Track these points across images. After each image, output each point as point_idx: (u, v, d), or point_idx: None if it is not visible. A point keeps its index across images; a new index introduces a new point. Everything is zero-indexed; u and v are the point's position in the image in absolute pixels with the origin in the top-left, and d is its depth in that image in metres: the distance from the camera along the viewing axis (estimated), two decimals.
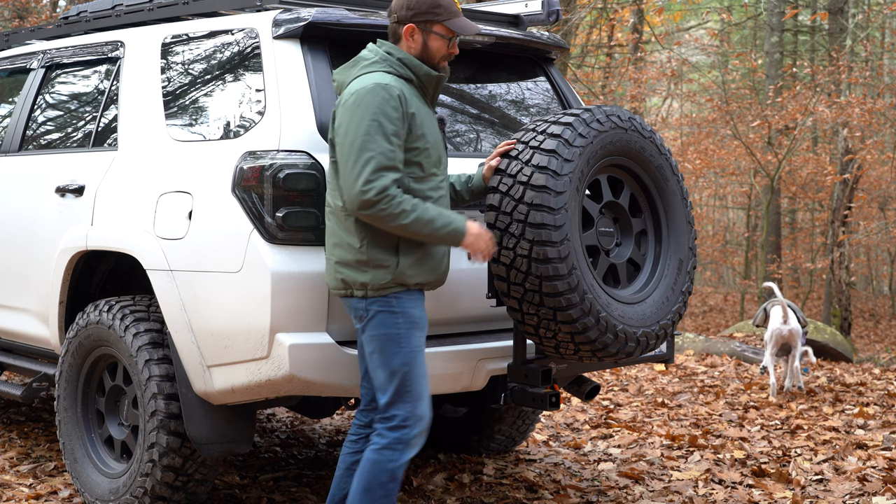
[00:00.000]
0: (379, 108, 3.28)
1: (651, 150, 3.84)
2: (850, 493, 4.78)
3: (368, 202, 3.25)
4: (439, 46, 3.49)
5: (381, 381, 3.42)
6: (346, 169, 3.29)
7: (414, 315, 3.42)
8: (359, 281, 3.37)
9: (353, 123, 3.29)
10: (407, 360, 3.40)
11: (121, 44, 4.61)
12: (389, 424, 3.41)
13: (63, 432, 4.36)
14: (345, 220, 3.38)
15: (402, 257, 3.37)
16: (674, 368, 8.68)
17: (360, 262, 3.37)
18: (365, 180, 3.24)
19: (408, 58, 3.45)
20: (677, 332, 4.57)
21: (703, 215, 25.25)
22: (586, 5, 14.20)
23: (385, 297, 3.38)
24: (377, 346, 3.41)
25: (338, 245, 3.41)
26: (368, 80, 3.34)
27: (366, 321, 3.41)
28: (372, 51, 3.48)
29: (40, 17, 13.38)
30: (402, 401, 3.40)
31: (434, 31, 3.47)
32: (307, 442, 5.68)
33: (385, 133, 3.28)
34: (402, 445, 3.40)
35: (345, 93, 3.38)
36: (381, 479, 3.39)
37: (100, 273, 4.55)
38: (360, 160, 3.25)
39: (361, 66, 3.44)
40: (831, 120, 14.40)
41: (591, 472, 5.20)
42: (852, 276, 18.97)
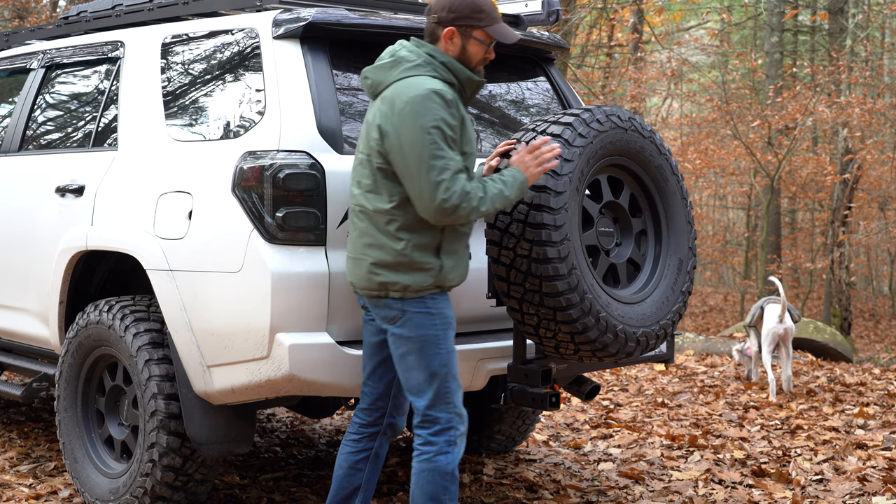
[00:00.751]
0: (439, 115, 3.24)
1: (651, 150, 3.84)
2: (850, 493, 4.78)
3: (451, 208, 3.23)
4: (477, 51, 3.45)
5: (418, 383, 3.40)
6: (417, 180, 3.24)
7: (448, 315, 3.41)
8: (399, 283, 3.33)
9: (416, 133, 3.23)
10: (445, 361, 3.38)
11: (121, 44, 4.61)
12: (434, 429, 3.39)
13: (63, 432, 4.36)
14: (386, 225, 3.33)
15: (444, 260, 3.36)
16: (674, 368, 8.68)
17: (401, 264, 3.33)
18: (444, 189, 3.21)
19: (451, 62, 3.40)
20: (677, 332, 4.57)
21: (703, 215, 25.25)
22: (586, 5, 14.20)
23: (422, 298, 3.36)
24: (414, 347, 3.38)
25: (374, 246, 3.36)
26: (420, 85, 3.28)
27: (400, 322, 3.37)
28: (413, 52, 3.40)
29: (40, 17, 13.38)
30: (443, 402, 3.38)
31: (474, 36, 3.44)
32: (307, 442, 5.68)
33: (448, 140, 3.26)
34: (453, 446, 3.40)
35: (393, 98, 3.30)
36: (444, 483, 3.38)
37: (100, 273, 4.55)
38: (434, 170, 3.21)
39: (404, 67, 3.36)
40: (831, 120, 14.40)
41: (591, 472, 5.20)
42: (852, 276, 18.97)
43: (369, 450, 3.64)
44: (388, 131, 3.28)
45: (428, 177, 3.22)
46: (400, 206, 3.32)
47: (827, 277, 16.09)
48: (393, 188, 3.32)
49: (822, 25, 17.84)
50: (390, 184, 3.32)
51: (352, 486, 3.63)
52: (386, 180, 3.33)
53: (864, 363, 10.17)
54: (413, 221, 3.32)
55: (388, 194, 3.32)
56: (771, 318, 7.52)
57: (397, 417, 3.66)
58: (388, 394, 3.61)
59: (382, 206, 3.33)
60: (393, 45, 3.48)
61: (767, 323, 7.52)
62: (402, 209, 3.32)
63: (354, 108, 3.94)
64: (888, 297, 24.82)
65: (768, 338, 7.50)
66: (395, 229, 3.32)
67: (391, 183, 3.32)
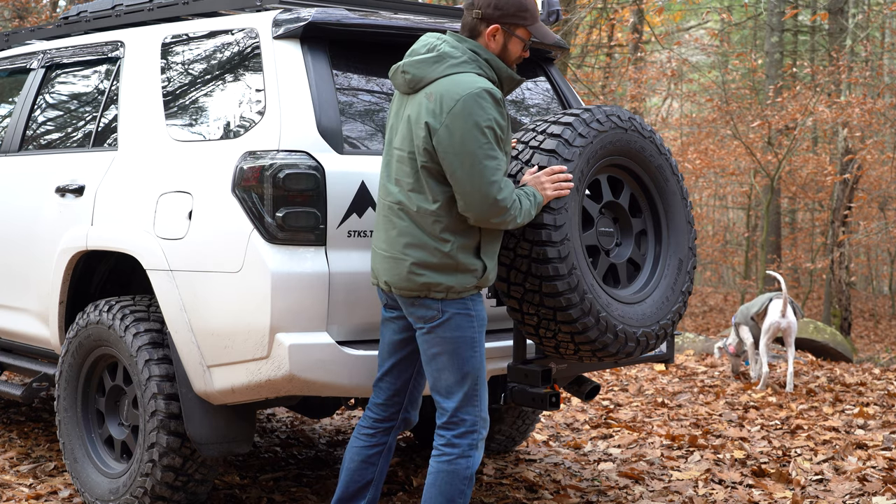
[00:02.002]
0: (492, 115, 3.23)
1: (651, 150, 3.84)
2: (850, 493, 4.78)
3: (502, 210, 3.24)
4: (516, 50, 3.43)
5: (448, 384, 3.38)
6: (469, 180, 3.22)
7: (484, 317, 3.42)
8: (443, 284, 3.30)
9: (470, 132, 3.20)
10: (478, 363, 3.38)
11: (121, 44, 4.61)
12: (458, 431, 3.38)
13: (63, 432, 4.36)
14: (432, 225, 3.29)
15: (486, 261, 3.36)
16: (674, 368, 8.68)
17: (446, 265, 3.30)
18: (498, 189, 3.22)
19: (494, 59, 3.38)
20: (677, 332, 4.57)
21: (703, 215, 25.25)
22: (586, 5, 14.20)
23: (462, 299, 3.34)
24: (449, 348, 3.35)
25: (415, 246, 3.31)
26: (472, 83, 3.25)
27: (438, 322, 3.34)
28: (456, 48, 3.35)
29: (40, 17, 13.38)
30: (471, 404, 3.37)
31: (516, 35, 3.41)
32: (307, 442, 5.68)
33: (499, 140, 3.26)
34: (474, 450, 3.39)
35: (443, 95, 3.25)
36: (461, 487, 3.38)
37: (100, 273, 4.55)
38: (488, 170, 3.21)
39: (449, 63, 3.31)
40: (831, 120, 14.40)
41: (591, 472, 5.20)
42: (852, 276, 18.97)
43: (383, 444, 3.63)
44: (437, 129, 3.24)
45: (482, 177, 3.21)
46: (444, 206, 3.29)
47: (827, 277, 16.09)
48: (437, 188, 3.29)
49: (822, 25, 17.84)
50: (434, 183, 3.29)
51: (364, 479, 3.62)
52: (430, 179, 3.29)
53: (864, 363, 10.17)
54: (457, 222, 3.30)
55: (433, 194, 3.29)
56: (774, 311, 7.55)
57: (411, 412, 3.65)
58: (406, 389, 3.60)
59: (427, 206, 3.30)
60: (425, 37, 3.43)
61: (770, 316, 7.56)
62: (447, 210, 3.29)
63: (354, 108, 3.94)
64: (888, 297, 24.82)
65: (769, 331, 7.54)
66: (440, 230, 3.29)
67: (436, 182, 3.29)
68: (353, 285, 3.69)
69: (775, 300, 7.67)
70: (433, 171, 3.28)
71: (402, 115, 3.38)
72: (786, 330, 7.58)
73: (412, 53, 3.40)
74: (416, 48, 3.41)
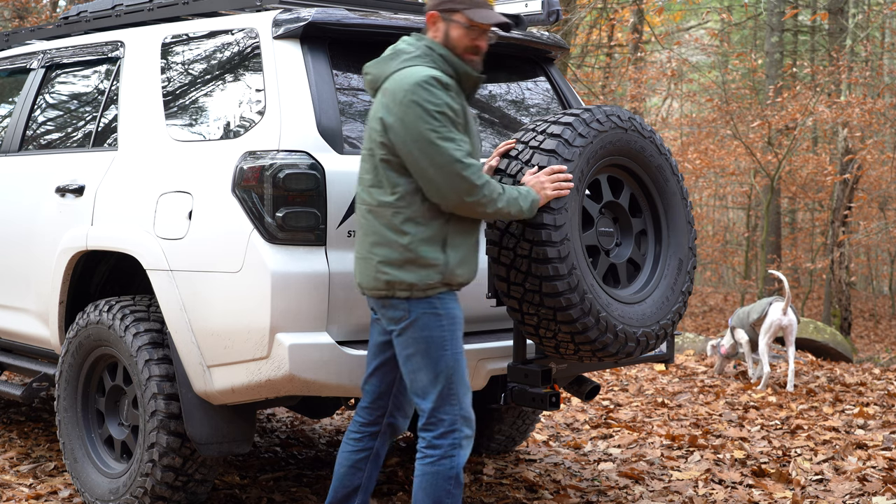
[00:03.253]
0: (443, 100, 3.23)
1: (651, 150, 3.84)
2: (850, 493, 4.78)
3: (473, 188, 3.22)
4: (460, 37, 3.41)
5: (423, 384, 3.37)
6: (429, 166, 3.21)
7: (456, 315, 3.39)
8: (406, 282, 3.30)
9: (423, 119, 3.20)
10: (451, 362, 3.36)
11: (121, 44, 4.61)
12: (438, 431, 3.36)
13: (63, 432, 4.36)
14: (392, 217, 3.29)
15: (450, 254, 3.33)
16: (674, 368, 8.68)
17: (407, 260, 3.29)
18: (464, 167, 3.21)
19: (447, 54, 3.38)
20: (677, 332, 4.57)
21: (703, 215, 25.25)
22: (586, 5, 14.19)
23: (429, 298, 3.33)
24: (420, 348, 3.35)
25: (380, 244, 3.32)
26: (417, 73, 3.26)
27: (406, 323, 3.34)
28: (412, 44, 3.39)
29: (40, 17, 13.38)
30: (448, 403, 3.36)
31: (455, 20, 3.41)
32: (307, 442, 5.68)
33: (455, 124, 3.25)
34: (457, 449, 3.37)
35: (393, 89, 3.27)
36: (447, 487, 3.36)
37: (100, 273, 4.55)
38: (447, 153, 3.20)
39: (402, 59, 3.34)
40: (831, 120, 14.40)
41: (591, 472, 5.20)
42: (852, 276, 18.97)
43: (370, 449, 3.62)
44: (391, 122, 3.26)
45: (442, 157, 3.20)
46: (404, 197, 3.29)
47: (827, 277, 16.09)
48: (396, 179, 3.29)
49: (822, 25, 17.84)
50: (393, 175, 3.29)
51: (352, 485, 3.63)
52: (389, 171, 3.30)
53: (864, 363, 10.17)
54: (418, 213, 3.29)
55: (391, 186, 3.30)
56: (775, 311, 7.59)
57: (398, 417, 3.64)
58: (389, 393, 3.59)
59: (385, 198, 3.31)
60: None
61: (771, 315, 7.59)
62: (406, 201, 3.29)
63: (354, 108, 3.94)
64: (888, 297, 24.82)
65: (770, 329, 7.58)
66: (399, 222, 3.29)
67: (394, 174, 3.29)
68: (353, 285, 3.68)
69: (775, 303, 7.70)
70: (393, 164, 3.30)
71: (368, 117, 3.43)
72: (787, 328, 7.61)
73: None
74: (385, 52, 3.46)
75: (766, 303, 7.79)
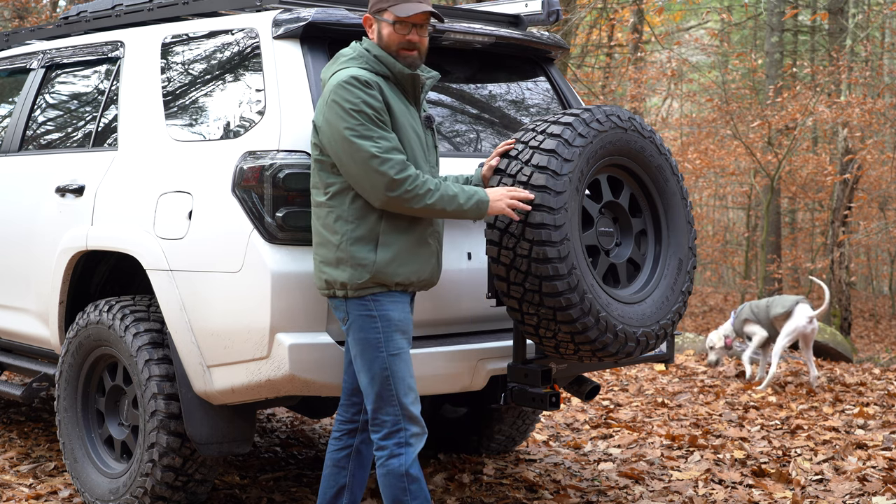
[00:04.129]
0: (360, 98, 3.28)
1: (651, 150, 3.84)
2: (850, 493, 4.78)
3: (395, 183, 3.24)
4: (391, 34, 3.44)
5: (364, 385, 3.43)
6: (354, 163, 3.27)
7: (393, 318, 3.39)
8: (338, 280, 3.36)
9: (342, 118, 3.28)
10: (386, 364, 3.38)
11: (121, 44, 4.61)
12: (382, 432, 3.40)
13: (63, 432, 4.36)
14: (325, 217, 3.38)
15: (380, 254, 3.35)
16: (674, 368, 8.68)
17: (339, 259, 3.36)
18: (381, 162, 3.24)
19: (383, 55, 3.43)
20: (677, 332, 4.57)
21: (703, 215, 25.24)
22: (586, 5, 14.19)
23: (362, 298, 3.36)
24: (358, 350, 3.41)
25: (320, 244, 3.41)
26: (342, 74, 3.35)
27: (347, 325, 3.42)
28: (352, 48, 3.48)
29: (40, 17, 13.38)
30: (388, 404, 3.39)
31: (384, 19, 3.46)
32: (307, 442, 5.68)
33: (375, 121, 3.29)
34: (403, 447, 3.39)
35: (324, 91, 3.39)
36: (401, 485, 3.39)
37: (100, 273, 4.55)
38: (363, 149, 3.25)
39: (340, 62, 3.45)
40: (831, 120, 14.39)
41: (591, 472, 5.20)
42: (852, 276, 18.97)
43: (350, 447, 3.65)
44: (320, 123, 3.36)
45: (359, 154, 3.25)
46: (335, 196, 3.36)
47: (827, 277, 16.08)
48: (328, 178, 3.37)
49: (822, 25, 17.83)
50: (326, 174, 3.37)
51: (338, 484, 3.65)
52: (322, 172, 3.38)
53: (864, 363, 10.17)
54: (348, 212, 3.35)
55: (324, 186, 3.38)
56: (802, 316, 7.68)
57: None
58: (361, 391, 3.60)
59: (320, 198, 3.40)
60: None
61: (797, 320, 7.68)
62: (337, 199, 3.35)
63: None
64: (888, 297, 24.81)
65: (793, 334, 7.68)
66: (332, 221, 3.36)
67: (326, 174, 3.37)
68: None
69: (802, 304, 7.79)
70: (325, 164, 3.37)
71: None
72: (809, 336, 7.76)
73: None
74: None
75: (790, 301, 7.81)
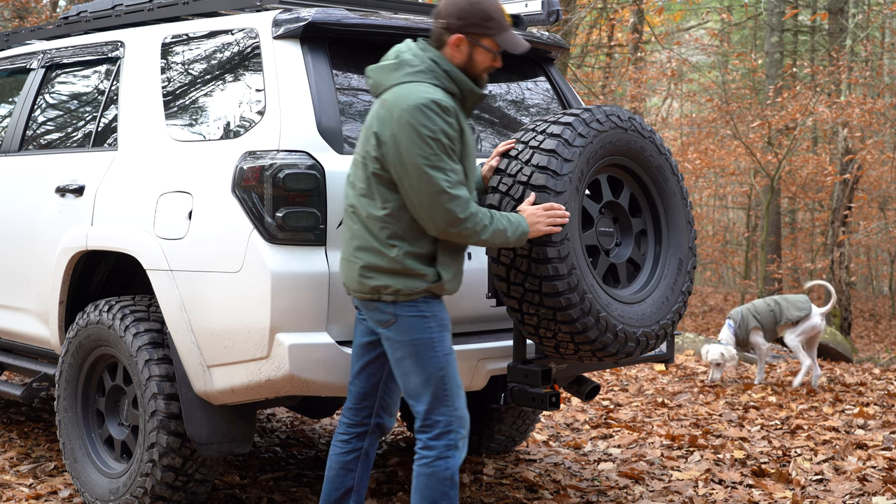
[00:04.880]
0: (439, 126, 3.17)
1: (651, 150, 3.84)
2: (850, 493, 4.78)
3: (456, 220, 3.19)
4: (483, 60, 3.37)
5: (414, 386, 3.35)
6: (418, 191, 3.18)
7: (443, 317, 3.36)
8: (391, 287, 3.28)
9: (416, 144, 3.16)
10: (442, 363, 3.33)
11: (121, 44, 4.61)
12: (433, 433, 3.34)
13: (63, 432, 4.36)
14: (379, 231, 3.26)
15: (441, 270, 3.30)
16: (674, 368, 8.68)
17: (394, 270, 3.27)
18: (448, 199, 3.17)
19: (454, 71, 3.32)
20: (677, 332, 4.57)
21: (703, 215, 25.25)
22: (586, 5, 14.19)
23: (414, 301, 3.30)
24: (409, 351, 3.33)
25: (365, 249, 3.29)
26: (419, 94, 3.20)
27: (392, 326, 3.33)
28: (416, 56, 3.32)
29: (40, 17, 13.39)
30: (443, 405, 3.34)
31: (482, 45, 3.35)
32: (307, 442, 5.68)
33: (448, 151, 3.20)
34: (453, 450, 3.35)
35: (391, 104, 3.23)
36: (443, 489, 3.34)
37: (100, 273, 4.55)
38: (435, 182, 3.16)
39: (405, 72, 3.28)
40: (831, 120, 14.40)
41: (591, 472, 5.20)
42: (852, 276, 18.97)
43: (359, 450, 3.61)
44: (385, 139, 3.22)
45: (429, 186, 3.17)
46: (393, 213, 3.26)
47: (827, 277, 16.08)
48: (388, 195, 3.26)
49: (822, 25, 17.84)
50: (385, 190, 3.27)
51: (344, 486, 3.61)
52: (380, 186, 3.27)
53: (864, 363, 10.18)
54: (407, 230, 3.27)
55: (382, 200, 3.27)
56: (816, 315, 7.92)
57: (385, 417, 3.62)
58: (375, 393, 3.58)
59: (375, 212, 3.28)
60: (400, 44, 3.42)
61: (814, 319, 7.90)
62: (396, 217, 3.26)
63: (354, 108, 3.94)
64: (888, 297, 24.82)
65: (808, 331, 7.87)
66: (387, 236, 3.27)
67: (386, 189, 3.26)
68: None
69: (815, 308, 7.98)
70: (383, 179, 3.26)
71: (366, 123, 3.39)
72: (818, 335, 7.99)
73: (383, 59, 3.40)
74: (387, 54, 3.40)
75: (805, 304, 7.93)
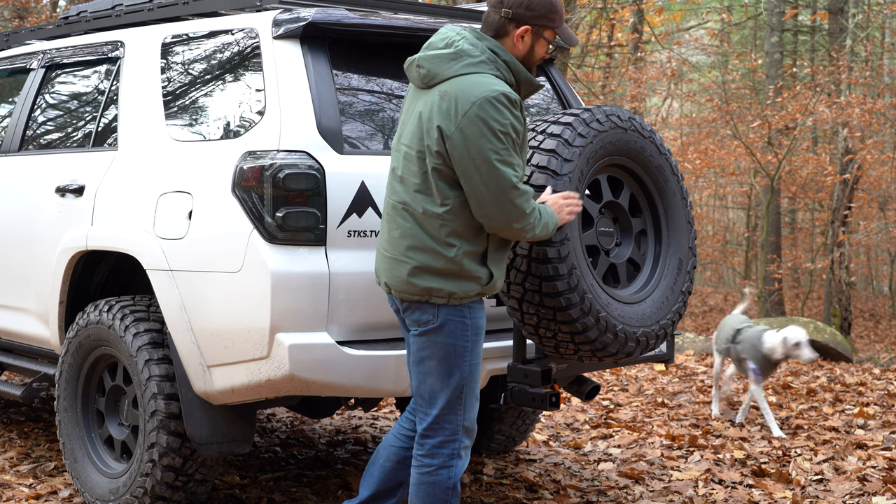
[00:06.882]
0: (509, 121, 3.12)
1: (651, 150, 3.84)
2: (850, 493, 4.78)
3: (522, 216, 3.17)
4: (541, 52, 3.35)
5: (432, 389, 3.31)
6: (488, 187, 3.12)
7: (481, 325, 3.33)
8: (445, 290, 3.21)
9: (487, 138, 3.09)
10: (467, 373, 3.30)
11: (121, 44, 4.61)
12: (438, 439, 3.31)
13: (63, 432, 4.36)
14: (437, 229, 3.19)
15: (492, 268, 3.27)
16: (674, 368, 8.68)
17: (451, 271, 3.21)
18: (519, 195, 3.15)
19: (513, 62, 3.26)
20: (677, 332, 4.57)
21: (703, 215, 25.26)
22: (586, 5, 14.19)
23: (461, 306, 3.26)
24: (440, 354, 3.28)
25: (419, 249, 3.21)
26: (487, 87, 3.13)
27: (432, 327, 3.26)
28: (475, 45, 3.24)
29: (40, 17, 13.39)
30: (454, 412, 3.31)
31: (544, 37, 3.33)
32: (307, 442, 5.68)
33: (516, 146, 3.17)
34: (456, 459, 3.32)
35: (457, 96, 3.13)
36: (444, 498, 3.32)
37: (100, 273, 4.55)
38: (505, 177, 3.11)
39: (466, 62, 3.19)
40: (831, 120, 14.39)
41: (591, 472, 5.20)
42: (852, 276, 18.98)
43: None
44: (451, 133, 3.12)
45: (499, 182, 3.11)
46: (453, 210, 3.18)
47: (827, 277, 16.08)
48: (448, 191, 3.18)
49: (822, 25, 17.84)
50: (445, 186, 3.18)
51: (398, 479, 3.57)
52: (440, 181, 3.18)
53: (864, 363, 10.17)
54: (465, 228, 3.20)
55: (442, 197, 3.18)
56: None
57: None
58: None
59: (433, 209, 3.19)
60: (444, 30, 3.32)
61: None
62: (456, 213, 3.19)
63: (354, 108, 3.94)
64: (888, 297, 24.82)
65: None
66: (446, 234, 3.19)
67: (446, 185, 3.18)
68: (354, 285, 3.68)
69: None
70: (444, 174, 3.18)
71: (414, 111, 3.27)
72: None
73: (429, 47, 3.29)
74: (434, 41, 3.30)
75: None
